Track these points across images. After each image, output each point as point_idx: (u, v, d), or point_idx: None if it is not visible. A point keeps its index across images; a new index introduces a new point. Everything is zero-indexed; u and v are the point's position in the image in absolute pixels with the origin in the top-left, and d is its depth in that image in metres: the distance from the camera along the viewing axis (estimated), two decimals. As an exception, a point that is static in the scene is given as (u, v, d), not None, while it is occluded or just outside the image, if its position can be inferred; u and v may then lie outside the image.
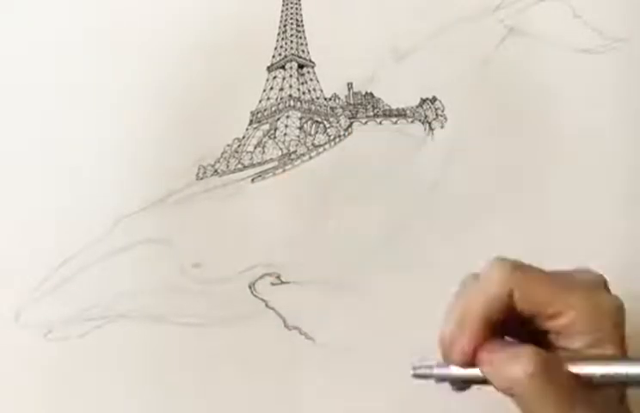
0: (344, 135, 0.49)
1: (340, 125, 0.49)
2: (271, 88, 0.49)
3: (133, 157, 0.48)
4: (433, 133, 0.49)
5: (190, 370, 0.46)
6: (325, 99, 0.49)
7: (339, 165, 0.48)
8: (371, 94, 0.49)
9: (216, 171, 0.48)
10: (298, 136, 0.49)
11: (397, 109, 0.49)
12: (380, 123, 0.49)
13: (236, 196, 0.48)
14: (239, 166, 0.48)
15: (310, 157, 0.49)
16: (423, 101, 0.49)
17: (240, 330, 0.46)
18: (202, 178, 0.48)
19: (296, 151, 0.49)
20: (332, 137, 0.49)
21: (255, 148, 0.49)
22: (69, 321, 0.46)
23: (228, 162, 0.48)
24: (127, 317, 0.46)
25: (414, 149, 0.48)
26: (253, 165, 0.48)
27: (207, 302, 0.47)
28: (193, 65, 0.49)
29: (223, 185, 0.48)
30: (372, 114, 0.49)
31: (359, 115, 0.49)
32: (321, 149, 0.49)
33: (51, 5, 0.50)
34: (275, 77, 0.49)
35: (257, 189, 0.48)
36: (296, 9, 0.50)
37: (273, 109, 0.49)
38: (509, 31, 0.49)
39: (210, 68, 0.49)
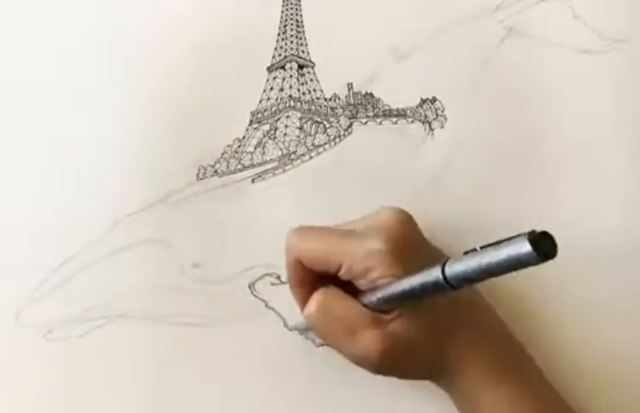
0: (344, 135, 0.49)
1: (340, 125, 0.49)
2: (271, 88, 0.49)
3: (133, 157, 0.48)
4: (433, 133, 0.49)
5: (190, 370, 0.46)
6: (325, 99, 0.49)
7: (339, 165, 0.48)
8: (371, 94, 0.49)
9: (216, 171, 0.48)
10: (298, 136, 0.49)
11: (397, 109, 0.49)
12: (380, 123, 0.49)
13: (236, 196, 0.48)
14: (239, 166, 0.48)
15: (310, 157, 0.49)
16: (423, 101, 0.49)
17: (240, 330, 0.46)
18: (202, 178, 0.48)
19: (296, 152, 0.49)
20: (332, 137, 0.49)
21: (256, 148, 0.49)
22: (69, 321, 0.46)
23: (228, 162, 0.48)
24: (127, 317, 0.46)
25: (414, 149, 0.48)
26: (253, 166, 0.48)
27: (207, 302, 0.47)
28: (193, 65, 0.49)
29: (223, 185, 0.48)
30: (372, 115, 0.49)
31: (359, 115, 0.49)
32: (321, 149, 0.49)
33: (51, 5, 0.50)
34: (275, 78, 0.49)
35: (257, 190, 0.48)
36: (296, 10, 0.50)
37: (273, 109, 0.49)
38: (509, 31, 0.49)
39: (210, 68, 0.49)
